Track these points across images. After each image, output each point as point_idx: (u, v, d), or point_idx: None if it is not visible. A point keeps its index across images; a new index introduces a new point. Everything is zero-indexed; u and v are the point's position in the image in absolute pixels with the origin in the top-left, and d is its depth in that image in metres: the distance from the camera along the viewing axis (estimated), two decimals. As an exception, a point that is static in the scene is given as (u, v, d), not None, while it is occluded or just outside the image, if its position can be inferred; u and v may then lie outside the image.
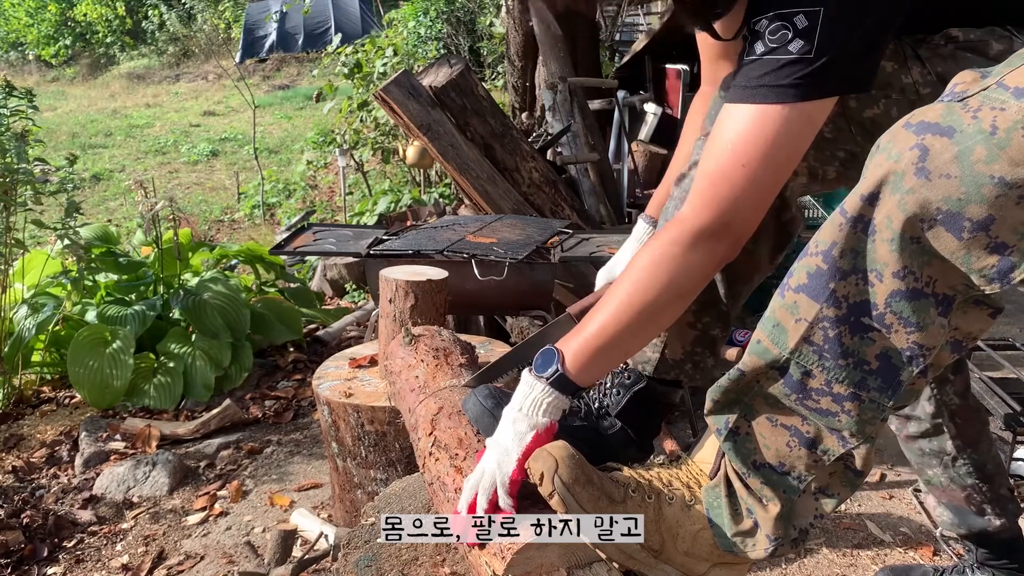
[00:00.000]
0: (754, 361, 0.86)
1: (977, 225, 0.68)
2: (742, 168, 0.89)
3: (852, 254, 0.76)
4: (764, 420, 0.88)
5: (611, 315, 0.96)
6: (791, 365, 0.83)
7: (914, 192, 0.70)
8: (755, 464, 0.90)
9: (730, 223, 0.92)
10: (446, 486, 1.07)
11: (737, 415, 0.90)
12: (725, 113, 0.92)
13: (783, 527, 0.90)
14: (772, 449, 0.89)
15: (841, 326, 0.79)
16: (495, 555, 0.93)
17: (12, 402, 2.89)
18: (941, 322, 0.76)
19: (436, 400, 1.25)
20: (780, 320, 0.83)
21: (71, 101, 12.23)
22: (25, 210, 2.92)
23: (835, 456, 0.87)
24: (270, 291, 3.65)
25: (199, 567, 1.95)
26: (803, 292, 0.80)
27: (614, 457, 1.10)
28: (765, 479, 0.90)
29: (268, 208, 7.25)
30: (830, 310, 0.78)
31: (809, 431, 0.86)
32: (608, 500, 0.94)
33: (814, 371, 0.81)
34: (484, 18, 7.81)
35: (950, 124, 0.69)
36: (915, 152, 0.70)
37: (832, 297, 0.78)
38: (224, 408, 2.70)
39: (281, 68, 13.20)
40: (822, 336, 0.80)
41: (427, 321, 1.72)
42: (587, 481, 0.94)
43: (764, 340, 0.85)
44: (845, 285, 0.77)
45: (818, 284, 0.79)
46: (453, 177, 2.80)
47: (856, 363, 0.80)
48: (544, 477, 0.93)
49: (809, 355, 0.81)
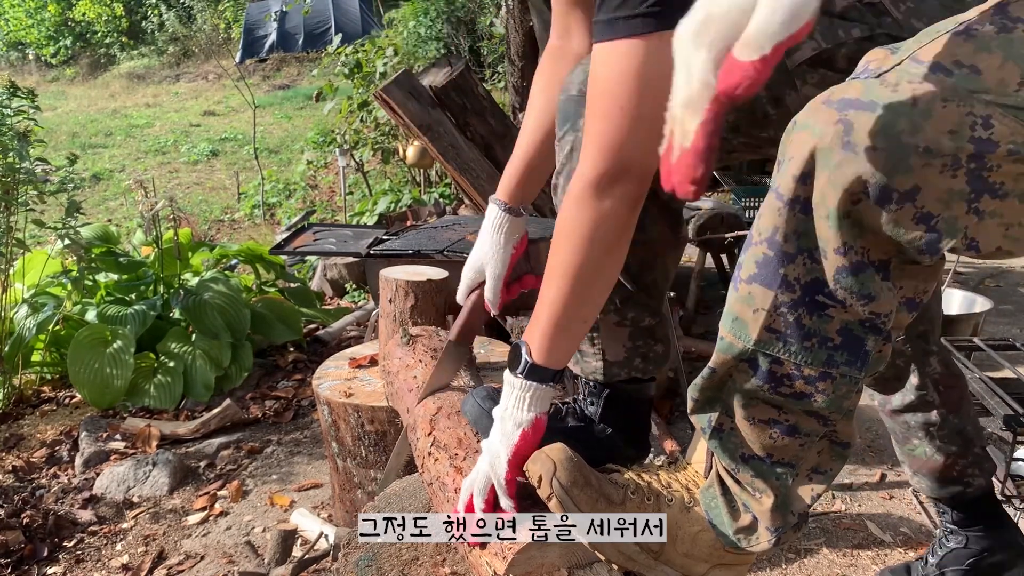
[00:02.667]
0: (722, 358, 0.86)
1: (904, 196, 0.69)
2: (620, 110, 0.88)
3: (795, 236, 0.76)
4: (744, 413, 0.88)
5: (555, 291, 0.95)
6: (758, 356, 0.83)
7: (841, 167, 0.70)
8: (743, 457, 0.90)
9: (627, 165, 0.90)
10: (446, 486, 1.08)
11: (719, 412, 0.90)
12: (595, 55, 0.91)
13: (781, 516, 0.91)
14: (757, 443, 0.89)
15: (799, 308, 0.79)
16: (496, 555, 0.93)
17: (12, 402, 2.89)
18: (887, 286, 0.77)
19: (435, 400, 1.25)
20: (738, 314, 0.83)
21: (71, 101, 12.23)
22: (26, 210, 2.92)
23: (818, 436, 0.87)
24: (270, 291, 3.65)
25: (199, 567, 1.95)
26: (755, 282, 0.80)
27: (612, 458, 1.10)
28: (755, 471, 0.90)
29: (268, 208, 7.25)
30: (785, 295, 0.79)
31: (789, 419, 0.86)
32: (607, 502, 0.94)
33: (782, 358, 0.82)
34: (484, 18, 7.82)
35: (871, 99, 0.69)
36: (839, 127, 0.70)
37: (784, 282, 0.78)
38: (224, 408, 2.71)
39: (281, 68, 13.20)
40: (782, 322, 0.80)
41: (427, 321, 1.72)
42: (585, 483, 0.94)
43: (727, 336, 0.85)
44: (794, 268, 0.77)
45: (768, 271, 0.79)
46: (453, 177, 2.80)
47: (820, 342, 0.80)
48: (543, 479, 0.93)
49: (773, 343, 0.81)
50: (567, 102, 1.09)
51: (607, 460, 1.07)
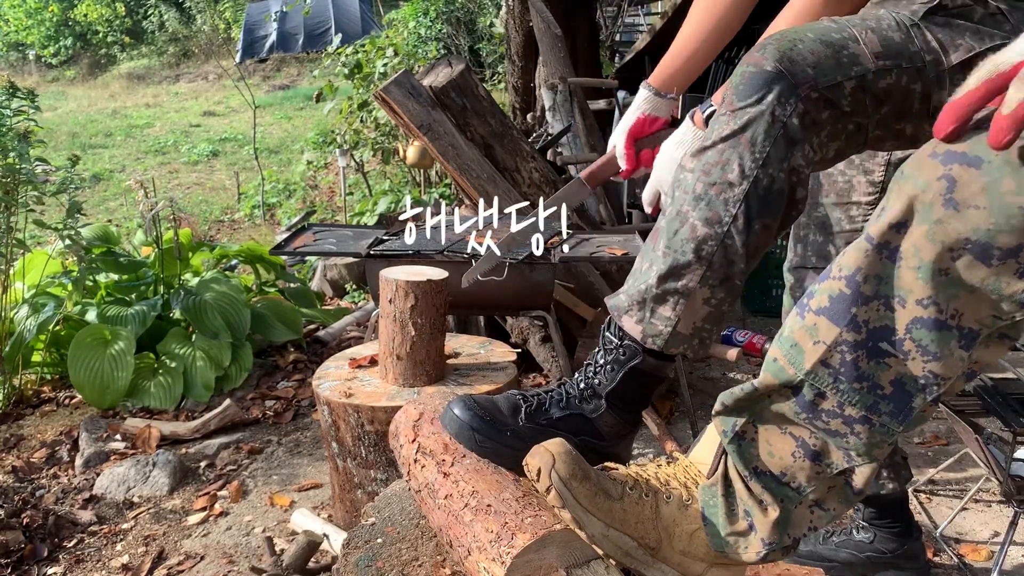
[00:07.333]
0: (768, 379, 0.87)
1: (1006, 253, 0.69)
2: None
3: (876, 280, 0.77)
4: (773, 427, 0.89)
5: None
6: (804, 386, 0.84)
7: (943, 223, 0.71)
8: (756, 470, 0.91)
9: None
10: (436, 492, 1.07)
11: (745, 419, 0.91)
12: None
13: (778, 533, 0.91)
14: (776, 457, 0.90)
15: (859, 351, 0.80)
16: (494, 560, 0.93)
17: (12, 402, 2.90)
18: (961, 355, 0.77)
19: (416, 406, 1.24)
20: (798, 340, 0.84)
21: (71, 101, 12.24)
22: (26, 210, 2.92)
23: (838, 470, 0.88)
24: (270, 291, 3.65)
25: (199, 567, 1.95)
26: (824, 315, 0.81)
27: (600, 437, 1.11)
28: (764, 485, 0.91)
29: (268, 208, 7.25)
30: (850, 334, 0.79)
31: (815, 444, 0.87)
32: (605, 496, 0.95)
33: (827, 393, 0.83)
34: (484, 18, 7.83)
35: (977, 154, 0.69)
36: (942, 183, 0.71)
37: (853, 321, 0.79)
38: (224, 408, 2.71)
39: (281, 68, 13.21)
40: (839, 359, 0.81)
41: (427, 321, 1.72)
42: (584, 476, 0.94)
43: (780, 359, 0.85)
44: (867, 310, 0.78)
45: (839, 308, 0.80)
46: (453, 177, 2.80)
47: (870, 387, 0.81)
48: (541, 472, 0.94)
49: (824, 377, 0.82)
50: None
51: (596, 440, 1.09)
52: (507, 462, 1.09)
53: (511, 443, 1.08)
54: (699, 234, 0.99)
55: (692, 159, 1.03)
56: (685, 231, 1.00)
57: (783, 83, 0.94)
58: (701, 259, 1.00)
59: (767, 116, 0.94)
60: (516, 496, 1.01)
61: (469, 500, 1.02)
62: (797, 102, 0.94)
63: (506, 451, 1.08)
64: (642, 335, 1.07)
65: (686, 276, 1.01)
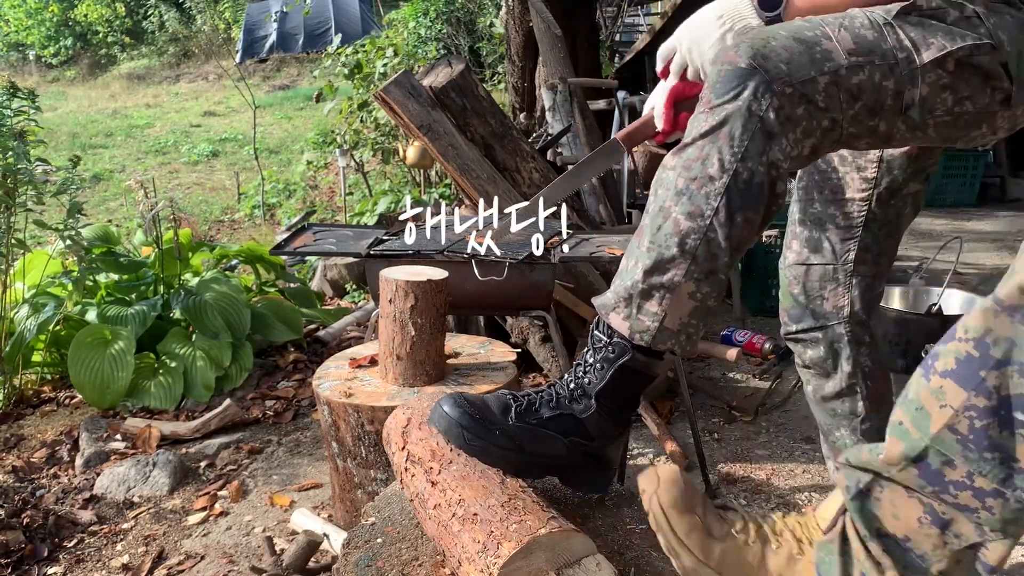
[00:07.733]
0: (895, 444, 0.83)
1: None
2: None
3: (1008, 344, 0.74)
4: (900, 489, 0.84)
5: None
6: (930, 453, 0.79)
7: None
8: (878, 532, 0.87)
9: None
10: (426, 502, 1.06)
11: (871, 477, 0.87)
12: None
13: None
14: (901, 520, 0.85)
15: (989, 418, 0.75)
16: (482, 572, 0.93)
17: (12, 402, 2.90)
18: None
19: (404, 411, 1.24)
20: (924, 404, 0.80)
21: (71, 101, 12.24)
22: (26, 210, 2.92)
23: (967, 543, 0.82)
24: (270, 291, 3.65)
25: (199, 567, 1.95)
26: (950, 378, 0.77)
27: (589, 437, 1.11)
28: (885, 548, 0.86)
29: (268, 208, 7.25)
30: (979, 399, 0.75)
31: (945, 512, 0.82)
32: (705, 533, 0.93)
33: (956, 461, 0.78)
34: (484, 18, 7.83)
35: None
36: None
37: (982, 386, 0.75)
38: (224, 408, 2.71)
39: (281, 68, 13.21)
40: (967, 426, 0.76)
41: (427, 321, 1.72)
42: (686, 509, 0.93)
43: (906, 423, 0.82)
44: (998, 375, 0.75)
45: (967, 371, 0.76)
46: (453, 178, 2.80)
47: (1003, 459, 0.76)
48: (646, 494, 0.94)
49: (952, 444, 0.78)
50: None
51: (586, 441, 1.09)
52: (495, 461, 1.08)
53: (500, 442, 1.08)
54: (682, 228, 1.00)
55: (673, 157, 1.04)
56: (668, 226, 1.01)
57: (757, 78, 0.95)
58: (685, 253, 1.01)
59: (744, 111, 0.96)
60: (502, 501, 1.01)
61: (456, 509, 1.02)
62: (772, 97, 0.95)
63: (495, 450, 1.08)
64: (630, 331, 1.07)
65: (671, 270, 1.02)
